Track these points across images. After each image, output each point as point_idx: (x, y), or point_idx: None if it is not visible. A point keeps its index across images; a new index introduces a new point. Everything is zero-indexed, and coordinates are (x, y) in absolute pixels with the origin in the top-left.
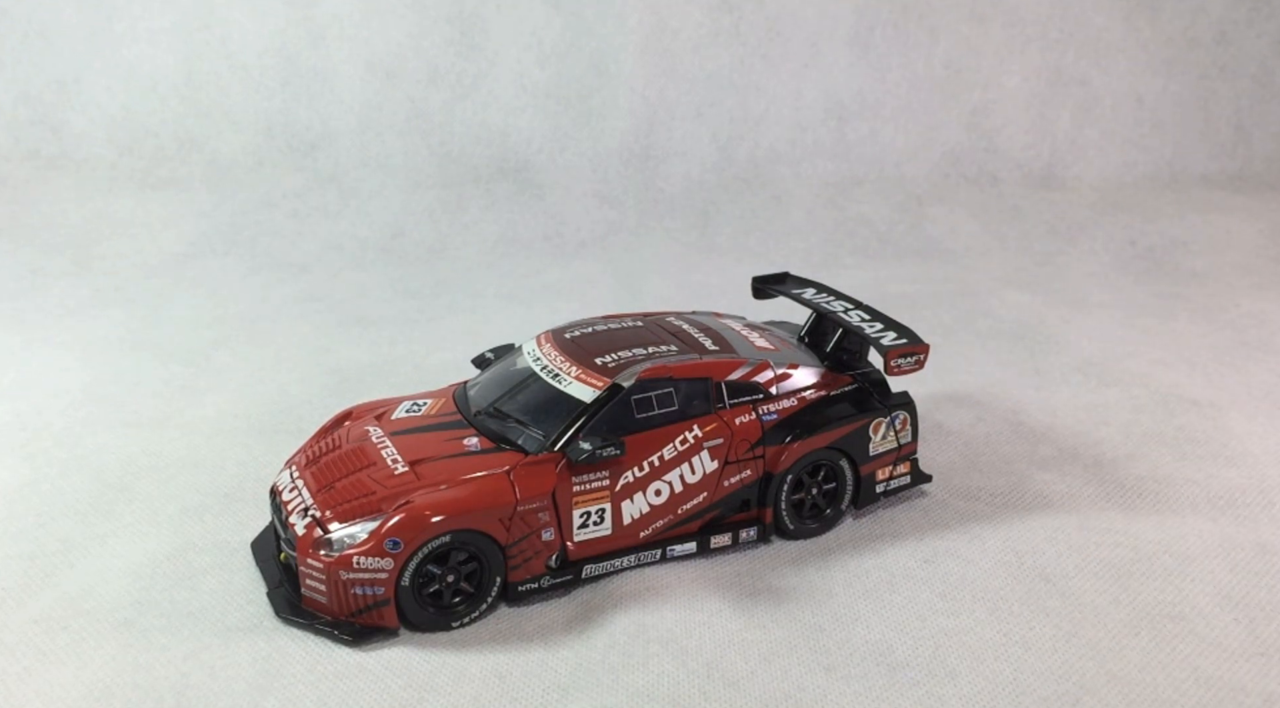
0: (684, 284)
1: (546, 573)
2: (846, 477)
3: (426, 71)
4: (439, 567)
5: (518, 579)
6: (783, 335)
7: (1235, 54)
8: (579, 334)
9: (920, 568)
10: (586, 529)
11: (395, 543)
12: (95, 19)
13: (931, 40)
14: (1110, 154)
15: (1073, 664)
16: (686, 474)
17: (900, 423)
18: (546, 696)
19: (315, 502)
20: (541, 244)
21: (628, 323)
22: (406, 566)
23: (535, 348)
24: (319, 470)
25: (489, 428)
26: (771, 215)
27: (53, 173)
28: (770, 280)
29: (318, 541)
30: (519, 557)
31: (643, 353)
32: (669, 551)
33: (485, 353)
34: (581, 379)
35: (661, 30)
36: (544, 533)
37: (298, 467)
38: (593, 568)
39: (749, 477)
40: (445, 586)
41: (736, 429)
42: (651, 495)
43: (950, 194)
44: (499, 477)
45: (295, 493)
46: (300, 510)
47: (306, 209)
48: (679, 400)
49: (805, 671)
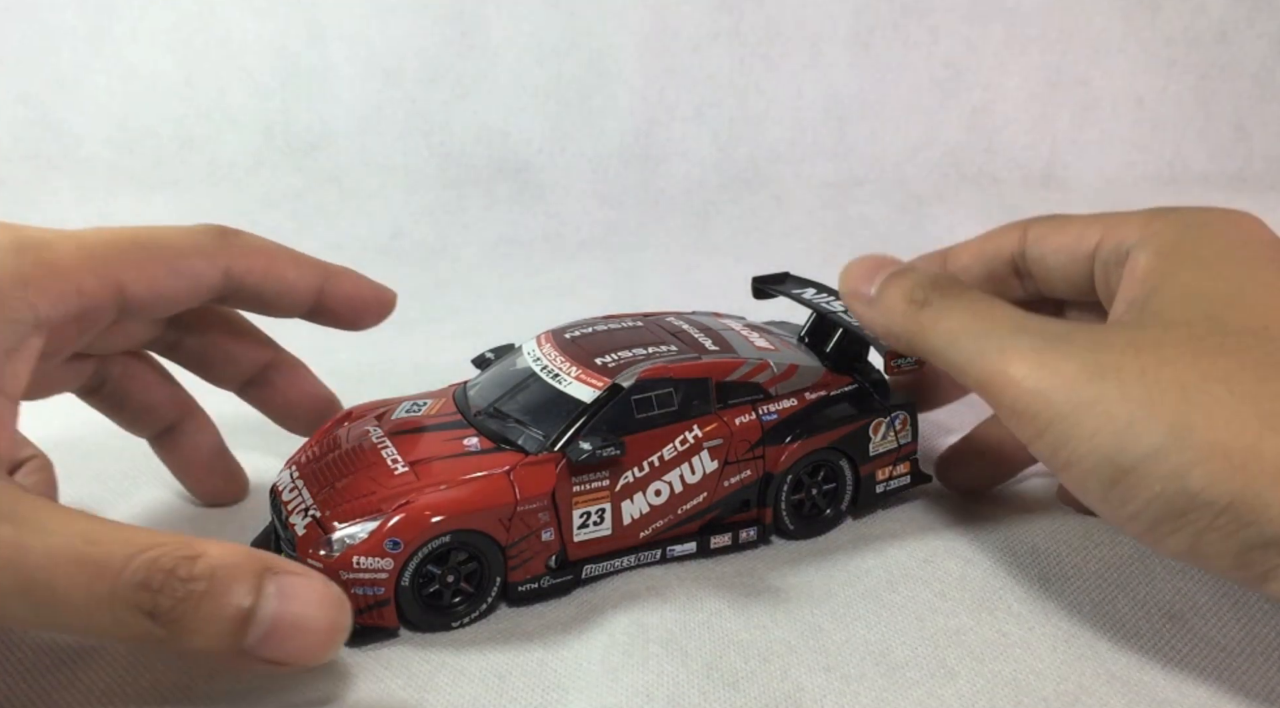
0: (684, 284)
1: (546, 573)
2: (847, 477)
3: (426, 71)
4: (439, 567)
5: (517, 579)
6: (783, 335)
7: (1235, 54)
8: (579, 334)
9: (920, 567)
10: (586, 529)
11: (395, 543)
12: (95, 19)
13: (931, 40)
14: (1110, 154)
15: (1072, 664)
16: (686, 474)
17: (900, 423)
18: (546, 696)
19: (315, 502)
20: (541, 244)
21: (628, 323)
22: (406, 566)
23: (535, 348)
24: (319, 470)
25: (489, 428)
26: (771, 215)
27: (53, 173)
28: (770, 280)
29: (318, 541)
30: (519, 557)
31: (643, 353)
32: (669, 551)
33: (485, 353)
34: (581, 379)
35: (661, 30)
36: (544, 533)
37: (298, 467)
38: (593, 568)
39: (749, 477)
40: (445, 586)
41: (736, 429)
42: (651, 496)
43: (950, 194)
44: (499, 477)
45: (295, 493)
46: (300, 510)
47: (306, 209)
48: (679, 401)
49: (805, 671)
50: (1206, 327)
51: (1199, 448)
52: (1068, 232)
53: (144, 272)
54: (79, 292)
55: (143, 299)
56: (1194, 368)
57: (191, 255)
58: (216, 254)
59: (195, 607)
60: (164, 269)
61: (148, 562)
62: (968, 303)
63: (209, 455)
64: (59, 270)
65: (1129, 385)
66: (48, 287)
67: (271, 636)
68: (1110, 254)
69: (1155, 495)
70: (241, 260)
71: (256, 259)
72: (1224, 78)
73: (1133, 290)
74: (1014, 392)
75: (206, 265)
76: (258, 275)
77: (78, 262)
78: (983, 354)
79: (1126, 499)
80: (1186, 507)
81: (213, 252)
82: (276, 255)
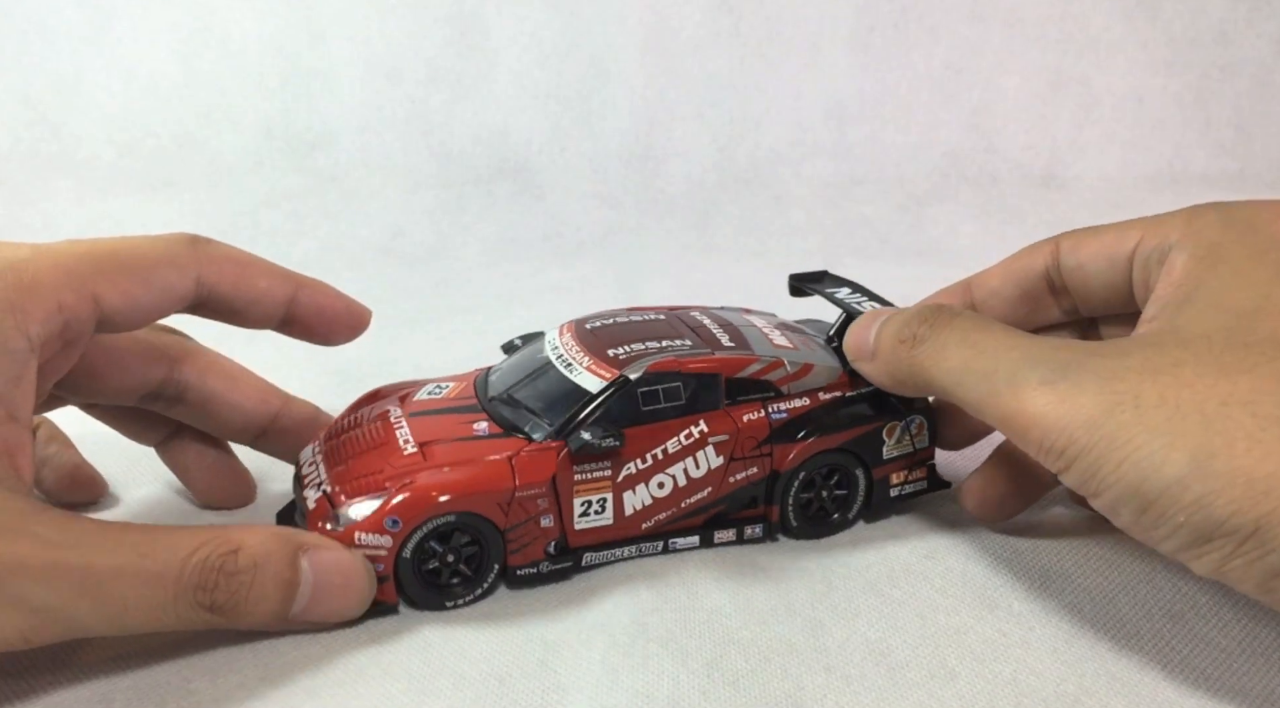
0: (684, 284)
1: (545, 559)
2: (859, 480)
3: (426, 71)
4: (440, 546)
5: (516, 564)
6: (810, 335)
7: (1235, 54)
8: (599, 325)
9: (921, 563)
10: (587, 518)
11: (395, 521)
12: (95, 19)
13: (931, 40)
14: (1110, 154)
15: (1073, 665)
16: (691, 468)
17: (916, 428)
18: (546, 696)
19: (328, 477)
20: (541, 244)
21: (650, 316)
22: (406, 543)
23: (556, 337)
24: (337, 447)
25: (500, 414)
26: (771, 215)
27: (53, 173)
28: (807, 279)
29: (325, 515)
30: (517, 541)
31: (656, 346)
32: (671, 543)
33: (514, 339)
34: (591, 370)
35: (661, 30)
36: (543, 519)
37: (320, 442)
38: (593, 556)
39: (755, 474)
40: (444, 565)
41: (743, 426)
42: (654, 488)
43: (950, 194)
44: (500, 462)
45: (313, 467)
46: (314, 484)
47: (306, 209)
48: (686, 395)
49: (805, 670)
50: (1227, 341)
51: (1221, 476)
52: (1105, 236)
53: (118, 284)
54: (60, 308)
55: (118, 311)
56: (1214, 390)
57: (163, 266)
58: (188, 264)
59: (246, 595)
60: (137, 281)
61: (199, 564)
62: (962, 333)
63: (215, 460)
64: (40, 290)
65: (1148, 414)
66: (33, 309)
67: (311, 605)
68: (1151, 254)
69: (1181, 524)
70: (212, 269)
71: (228, 268)
72: (1224, 78)
73: (1166, 293)
74: (1037, 431)
75: (178, 276)
76: (229, 284)
77: (55, 279)
78: (995, 394)
79: (1155, 525)
80: (1212, 534)
81: (184, 262)
82: (248, 265)
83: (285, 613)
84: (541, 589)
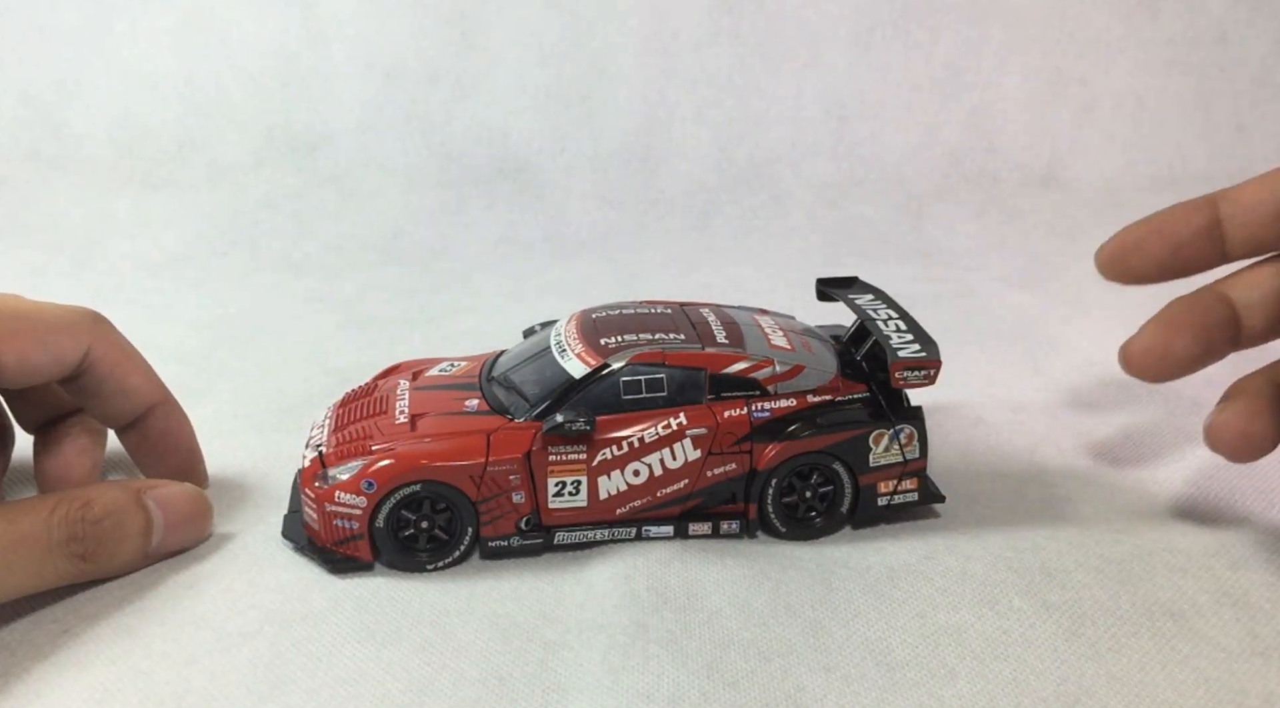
0: (684, 284)
1: (516, 533)
2: (844, 484)
3: (426, 71)
4: (413, 512)
5: (489, 535)
6: (816, 338)
7: (1235, 54)
8: (603, 315)
9: (920, 563)
10: (561, 498)
11: (370, 484)
12: (95, 19)
13: (931, 40)
14: (1110, 154)
15: (1073, 664)
16: (667, 459)
17: (906, 437)
18: (546, 697)
19: (327, 440)
20: (541, 244)
21: (657, 309)
22: (380, 506)
23: (563, 324)
24: (345, 413)
25: (492, 393)
26: (771, 215)
27: (53, 173)
28: (834, 284)
29: (316, 474)
30: (489, 514)
31: (647, 338)
32: (645, 531)
33: (535, 325)
34: (580, 357)
35: (661, 30)
36: (514, 495)
37: (333, 407)
38: (565, 536)
39: (734, 470)
40: (419, 530)
41: (723, 422)
42: (629, 475)
43: (950, 194)
44: (477, 437)
45: (320, 430)
46: (315, 445)
47: (306, 209)
48: (669, 387)
49: (805, 670)
50: None
51: None
52: None
53: (14, 343)
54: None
55: (11, 369)
56: None
57: (60, 332)
58: (83, 335)
59: (111, 538)
60: (34, 342)
61: (62, 520)
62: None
63: (180, 443)
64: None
65: None
66: None
67: (167, 536)
68: None
69: None
70: (101, 347)
71: (113, 353)
72: (1224, 78)
73: None
74: None
75: (72, 344)
76: (108, 368)
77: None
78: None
79: None
80: None
81: (80, 332)
82: (131, 357)
83: (148, 547)
84: (542, 590)
